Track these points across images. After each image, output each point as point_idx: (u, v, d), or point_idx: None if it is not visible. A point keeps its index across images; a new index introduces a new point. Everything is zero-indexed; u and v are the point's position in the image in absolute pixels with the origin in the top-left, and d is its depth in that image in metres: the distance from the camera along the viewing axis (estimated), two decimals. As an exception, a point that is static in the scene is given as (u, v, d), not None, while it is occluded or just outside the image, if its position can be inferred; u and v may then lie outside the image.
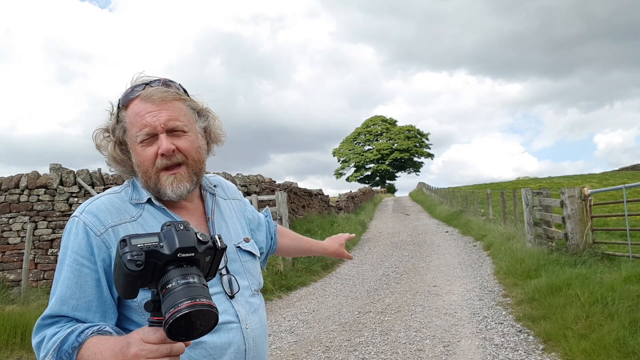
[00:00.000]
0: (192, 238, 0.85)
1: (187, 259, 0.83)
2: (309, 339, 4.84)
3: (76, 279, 1.04)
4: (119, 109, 1.15)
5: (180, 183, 1.13)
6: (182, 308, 0.76)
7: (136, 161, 1.13)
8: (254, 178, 10.72)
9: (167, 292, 0.79)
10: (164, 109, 1.11)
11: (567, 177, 36.43)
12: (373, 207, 28.55)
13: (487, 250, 9.78)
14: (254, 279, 1.27)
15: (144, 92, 1.11)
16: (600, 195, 11.04)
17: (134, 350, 0.85)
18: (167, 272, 0.82)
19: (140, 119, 1.10)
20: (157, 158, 1.11)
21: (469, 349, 4.22)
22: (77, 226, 1.08)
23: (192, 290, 0.78)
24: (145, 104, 1.10)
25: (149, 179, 1.12)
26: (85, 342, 0.97)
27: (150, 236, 0.84)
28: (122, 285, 0.83)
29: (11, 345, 4.54)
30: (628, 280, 4.94)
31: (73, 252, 1.06)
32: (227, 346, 1.11)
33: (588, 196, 7.04)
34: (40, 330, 1.04)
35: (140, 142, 1.11)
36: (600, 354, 3.57)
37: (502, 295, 6.08)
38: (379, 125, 64.49)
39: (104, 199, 1.14)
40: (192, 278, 0.81)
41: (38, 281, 7.30)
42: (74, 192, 7.71)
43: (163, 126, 1.10)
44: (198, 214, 1.23)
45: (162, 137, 1.10)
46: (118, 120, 1.14)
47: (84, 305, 1.04)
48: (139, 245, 0.82)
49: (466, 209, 18.01)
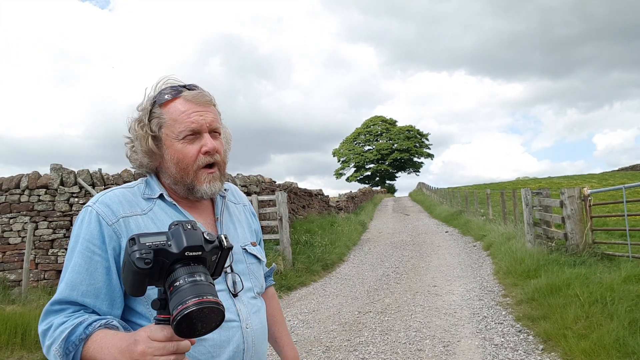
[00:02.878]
0: (199, 237, 0.86)
1: (194, 258, 0.85)
2: (309, 339, 4.84)
3: (87, 265, 1.07)
4: (153, 105, 1.18)
5: (215, 181, 1.19)
6: (190, 305, 0.77)
7: (174, 157, 1.16)
8: (254, 178, 10.72)
9: (174, 289, 0.81)
10: (208, 111, 1.18)
11: (567, 177, 36.44)
12: (373, 207, 28.55)
13: (487, 250, 9.78)
14: (257, 282, 1.29)
15: (189, 93, 1.17)
16: (599, 196, 11.04)
17: (142, 348, 0.86)
18: (174, 270, 0.83)
19: (187, 117, 1.15)
20: (198, 155, 1.16)
21: (469, 348, 4.22)
22: (90, 215, 1.11)
23: (199, 288, 0.80)
24: (191, 104, 1.16)
25: (187, 175, 1.17)
26: (92, 335, 0.99)
27: (158, 235, 0.86)
28: (130, 282, 0.84)
29: (12, 345, 4.55)
30: (627, 281, 4.95)
31: (85, 239, 1.09)
32: (227, 344, 1.12)
33: (588, 196, 7.04)
34: (48, 317, 1.06)
35: (182, 139, 1.15)
36: (599, 354, 3.58)
37: (501, 295, 6.09)
38: (379, 125, 64.45)
39: (117, 192, 1.17)
40: (199, 276, 0.82)
41: (39, 281, 7.30)
42: (74, 193, 7.71)
43: (208, 126, 1.16)
44: (207, 214, 1.26)
45: (207, 136, 1.16)
46: (151, 117, 1.18)
47: (93, 292, 1.06)
48: (147, 244, 0.83)
49: (466, 209, 18.01)
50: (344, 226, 13.99)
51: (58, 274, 7.29)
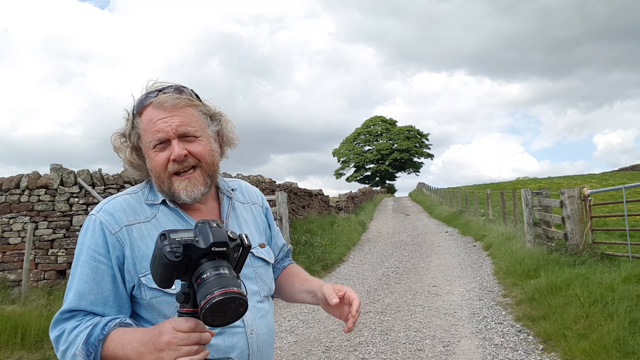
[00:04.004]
0: (224, 234, 0.93)
1: (219, 253, 0.92)
2: (309, 339, 4.84)
3: (94, 274, 1.08)
4: (134, 115, 1.17)
5: (194, 187, 1.16)
6: (216, 295, 0.84)
7: (150, 166, 1.17)
8: (254, 178, 10.72)
9: (201, 282, 0.87)
10: (175, 115, 1.13)
11: (567, 178, 36.45)
12: (373, 207, 28.55)
13: (487, 251, 9.78)
14: (264, 285, 1.27)
15: (156, 100, 1.14)
16: (599, 196, 11.04)
17: (167, 338, 0.91)
18: (200, 264, 0.90)
19: (153, 126, 1.13)
20: (169, 163, 1.14)
21: (469, 349, 4.22)
22: (94, 224, 1.12)
23: (225, 280, 0.86)
24: (158, 111, 1.13)
25: (162, 183, 1.16)
26: (110, 334, 1.01)
27: (186, 231, 0.92)
28: (160, 274, 0.90)
29: (11, 345, 4.55)
30: (627, 281, 4.95)
31: (90, 249, 1.10)
32: (230, 350, 1.12)
33: (588, 196, 7.04)
34: (59, 324, 1.07)
35: (153, 148, 1.14)
36: (599, 354, 3.58)
37: (501, 295, 6.09)
38: (379, 125, 64.46)
39: (121, 199, 1.17)
40: (224, 270, 0.89)
41: (38, 281, 7.30)
42: (74, 193, 7.70)
43: (174, 132, 1.12)
44: (212, 216, 1.24)
45: (174, 142, 1.13)
46: (133, 127, 1.17)
47: (101, 300, 1.08)
48: (177, 239, 0.89)
49: (466, 209, 18.01)
50: (343, 226, 13.99)
51: (58, 274, 7.30)
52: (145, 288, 1.09)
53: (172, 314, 1.08)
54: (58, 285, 7.04)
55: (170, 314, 1.08)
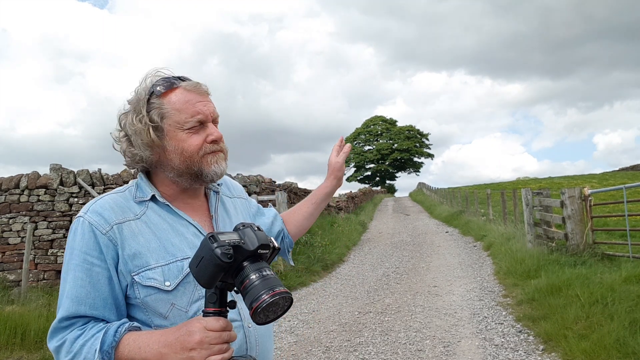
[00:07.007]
0: (266, 237, 0.99)
1: (261, 256, 0.97)
2: (309, 339, 4.84)
3: (89, 278, 1.06)
4: (151, 96, 1.15)
5: (221, 161, 1.19)
6: (266, 298, 0.89)
7: (178, 147, 1.14)
8: (254, 178, 10.71)
9: (249, 284, 0.92)
10: (209, 101, 1.19)
11: (567, 178, 36.42)
12: (373, 207, 28.54)
13: (487, 251, 9.77)
14: None
15: (189, 83, 1.16)
16: (600, 196, 11.03)
17: (199, 337, 0.93)
18: (243, 268, 0.94)
19: (192, 107, 1.14)
20: (203, 145, 1.15)
21: (469, 349, 4.22)
22: (83, 226, 1.09)
23: (271, 281, 0.92)
24: (193, 94, 1.16)
25: (194, 163, 1.15)
26: (122, 340, 1.00)
27: (231, 234, 0.97)
28: (208, 275, 0.93)
29: (11, 346, 4.55)
30: (628, 281, 4.94)
31: (81, 252, 1.07)
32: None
33: (588, 196, 7.03)
34: (58, 333, 1.05)
35: (188, 129, 1.14)
36: (600, 354, 3.57)
37: (502, 295, 6.08)
38: (379, 125, 64.46)
39: (107, 198, 1.15)
40: (266, 271, 0.94)
41: (38, 281, 7.30)
42: (74, 193, 7.70)
43: (212, 115, 1.18)
44: (202, 211, 1.24)
45: (210, 125, 1.17)
46: (150, 107, 1.14)
47: (101, 303, 1.06)
48: (226, 241, 0.93)
49: (466, 209, 18.00)
50: (344, 226, 13.98)
51: (57, 274, 7.29)
52: (138, 286, 1.08)
53: (167, 311, 1.07)
54: (58, 285, 7.03)
55: (165, 312, 1.07)
